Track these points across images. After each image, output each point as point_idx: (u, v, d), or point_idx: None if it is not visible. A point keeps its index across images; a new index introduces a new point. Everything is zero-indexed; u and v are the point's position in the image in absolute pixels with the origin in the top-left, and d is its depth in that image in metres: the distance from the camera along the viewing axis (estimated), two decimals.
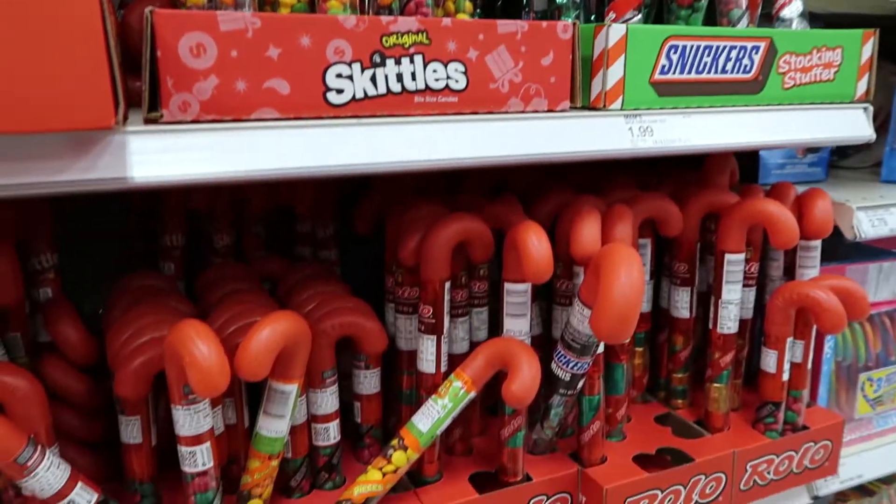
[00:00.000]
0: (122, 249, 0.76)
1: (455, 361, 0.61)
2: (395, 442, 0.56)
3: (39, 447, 0.45)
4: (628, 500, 0.61)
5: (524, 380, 0.53)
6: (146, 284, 0.63)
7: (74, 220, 0.73)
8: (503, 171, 0.77)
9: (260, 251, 0.74)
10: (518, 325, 0.58)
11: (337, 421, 0.59)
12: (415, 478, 0.61)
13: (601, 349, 0.62)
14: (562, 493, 0.62)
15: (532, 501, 0.60)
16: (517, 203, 0.64)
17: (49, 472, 0.45)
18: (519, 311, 0.58)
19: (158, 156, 0.41)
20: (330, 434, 0.58)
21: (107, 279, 0.79)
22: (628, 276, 0.49)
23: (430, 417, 0.55)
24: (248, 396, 0.58)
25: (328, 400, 0.57)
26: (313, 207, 0.72)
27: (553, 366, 0.58)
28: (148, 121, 0.41)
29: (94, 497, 0.48)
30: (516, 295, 0.57)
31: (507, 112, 0.51)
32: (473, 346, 0.64)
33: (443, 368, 0.59)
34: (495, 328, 0.67)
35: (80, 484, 0.47)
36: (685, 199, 0.68)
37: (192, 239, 0.72)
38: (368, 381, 0.61)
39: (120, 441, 0.56)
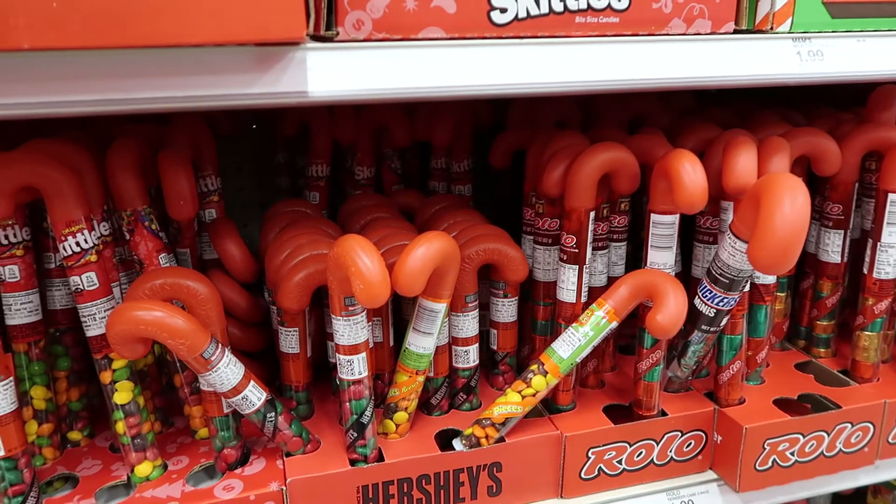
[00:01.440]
0: (270, 180, 0.81)
1: (593, 294, 0.61)
2: (534, 367, 0.57)
3: (220, 345, 0.49)
4: (768, 441, 0.59)
5: (670, 310, 0.53)
6: (295, 210, 0.67)
7: (229, 152, 0.78)
8: (640, 107, 0.75)
9: (396, 185, 0.76)
10: (663, 257, 0.57)
11: (476, 345, 0.60)
12: (549, 406, 0.62)
13: (747, 287, 0.60)
14: (696, 431, 0.61)
15: (666, 436, 0.60)
16: (661, 136, 0.62)
17: (228, 368, 0.50)
18: (665, 243, 0.57)
19: (334, 72, 0.43)
20: (470, 357, 0.60)
21: (257, 206, 0.85)
22: (793, 203, 0.47)
23: (571, 345, 0.56)
24: (393, 318, 0.60)
25: (469, 323, 0.59)
26: (450, 142, 0.73)
27: (697, 301, 0.57)
28: (324, 38, 0.43)
29: (264, 396, 0.52)
30: (663, 227, 0.56)
31: (667, 34, 0.49)
32: (611, 281, 0.64)
33: (583, 299, 0.59)
34: (631, 265, 0.67)
35: (252, 382, 0.51)
36: (845, 136, 0.64)
37: (334, 171, 0.75)
38: (506, 310, 0.62)
39: (278, 352, 0.60)
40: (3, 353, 0.49)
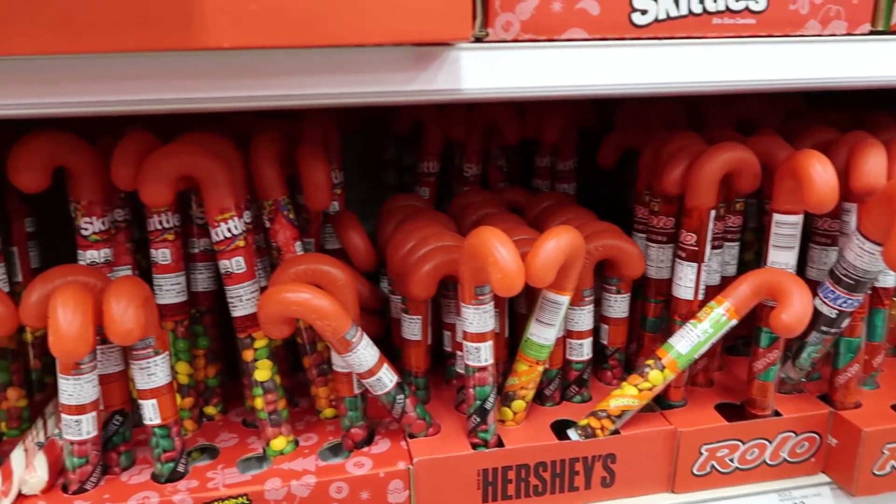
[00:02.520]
0: (373, 175, 0.84)
1: (707, 293, 0.62)
2: (651, 361, 0.58)
3: (359, 328, 0.52)
4: (887, 446, 0.59)
5: (796, 309, 0.53)
6: (409, 205, 0.70)
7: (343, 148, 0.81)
8: (747, 109, 0.75)
9: (501, 182, 0.78)
10: (785, 257, 0.57)
11: (590, 339, 0.62)
12: (660, 401, 0.63)
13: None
14: (810, 433, 0.61)
15: (779, 437, 0.60)
16: (779, 137, 0.63)
17: (365, 350, 0.53)
18: (787, 243, 0.57)
19: (484, 71, 0.45)
20: (583, 350, 0.62)
21: (361, 201, 0.88)
22: None
23: (690, 341, 0.57)
24: (509, 310, 0.62)
25: (584, 317, 0.61)
26: (557, 141, 0.75)
27: (817, 302, 0.57)
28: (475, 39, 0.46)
29: (395, 378, 0.55)
30: (786, 227, 0.57)
31: (803, 35, 0.50)
32: (724, 280, 0.65)
33: (700, 296, 0.60)
34: (743, 265, 0.67)
35: (385, 365, 0.54)
36: None
37: (443, 167, 0.78)
38: (618, 305, 0.64)
39: (398, 339, 0.63)
40: (161, 330, 0.53)
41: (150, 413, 0.52)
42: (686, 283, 0.60)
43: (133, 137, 0.53)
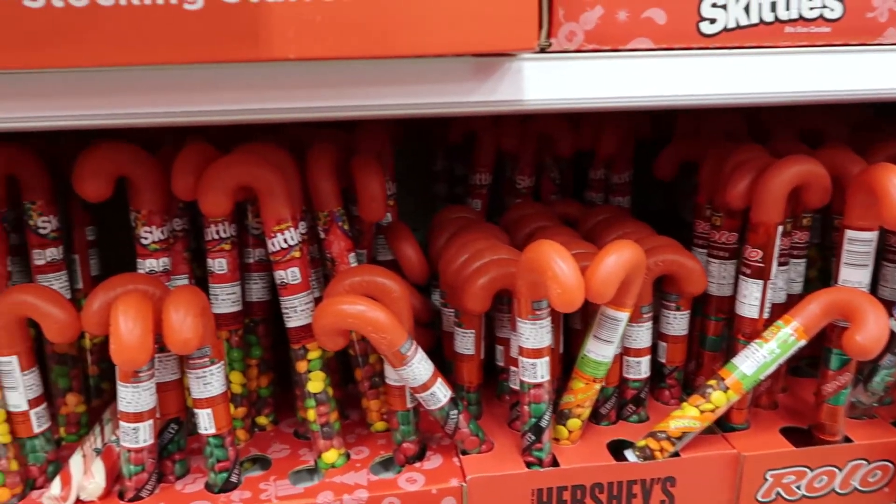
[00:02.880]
0: (421, 186, 0.84)
1: (772, 311, 0.59)
2: (713, 382, 0.56)
3: (413, 341, 0.52)
4: None
5: (871, 330, 0.50)
6: (461, 216, 0.69)
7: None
8: (811, 120, 0.72)
9: (553, 194, 0.77)
10: (858, 275, 0.54)
11: (648, 357, 0.60)
12: (721, 423, 0.60)
13: None
14: (884, 462, 0.58)
15: (850, 464, 0.57)
16: (849, 149, 0.60)
17: (420, 364, 0.52)
18: (861, 260, 0.54)
19: (547, 82, 0.44)
20: (641, 368, 0.60)
21: (418, 212, 0.88)
22: None
23: (755, 361, 0.55)
24: (564, 326, 0.61)
25: (643, 335, 0.59)
26: (613, 153, 0.73)
27: (893, 323, 0.54)
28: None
29: (449, 393, 0.54)
30: (860, 244, 0.54)
31: (881, 44, 0.47)
32: (790, 298, 0.62)
33: (765, 315, 0.58)
34: (807, 283, 0.65)
35: (439, 380, 0.53)
36: None
37: (494, 179, 0.77)
38: (678, 323, 0.62)
39: (449, 353, 0.62)
40: (217, 339, 0.53)
41: (205, 422, 0.52)
42: (751, 300, 0.57)
43: (193, 148, 0.53)
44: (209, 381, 0.52)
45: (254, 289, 0.61)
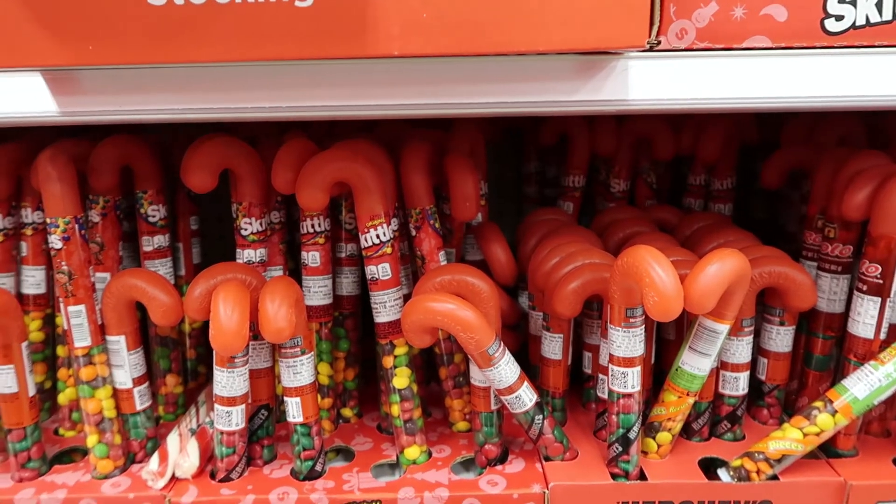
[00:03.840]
0: (510, 188, 0.83)
1: (889, 331, 0.55)
2: (820, 404, 0.52)
3: (501, 343, 0.51)
4: None
5: None
6: (552, 219, 0.68)
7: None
8: None
9: (649, 199, 0.75)
10: None
11: (747, 373, 0.57)
12: (825, 449, 0.57)
13: None
14: None
15: None
16: None
17: (506, 366, 0.51)
18: None
19: (653, 81, 0.42)
20: (739, 384, 0.57)
21: (507, 213, 0.87)
22: None
23: (869, 385, 0.51)
24: (657, 335, 0.59)
25: (743, 349, 0.56)
26: (716, 158, 0.70)
27: None
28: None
29: (535, 398, 0.53)
30: None
31: None
32: None
33: (882, 335, 0.54)
34: None
35: (525, 383, 0.52)
36: None
37: (588, 182, 0.75)
38: (781, 339, 0.58)
39: (535, 357, 0.61)
40: (308, 330, 0.54)
41: (294, 410, 0.54)
42: (866, 319, 0.53)
43: (293, 143, 0.55)
44: (299, 371, 0.53)
45: (344, 283, 0.62)
